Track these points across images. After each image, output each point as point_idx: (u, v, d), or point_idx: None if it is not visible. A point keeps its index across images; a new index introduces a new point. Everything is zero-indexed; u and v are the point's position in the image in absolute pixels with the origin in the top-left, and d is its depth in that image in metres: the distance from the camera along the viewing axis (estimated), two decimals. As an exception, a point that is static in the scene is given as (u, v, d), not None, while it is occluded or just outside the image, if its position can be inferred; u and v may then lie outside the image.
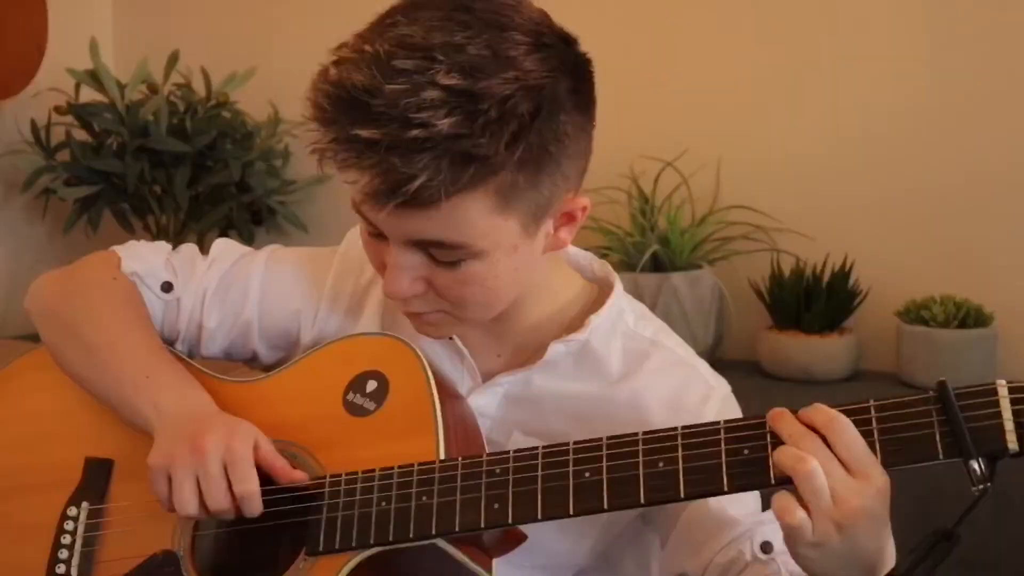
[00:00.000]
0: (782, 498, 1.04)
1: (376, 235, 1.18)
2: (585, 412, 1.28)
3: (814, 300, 2.37)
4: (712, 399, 1.29)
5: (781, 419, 1.06)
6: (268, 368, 1.41)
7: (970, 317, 2.27)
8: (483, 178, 1.10)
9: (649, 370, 1.30)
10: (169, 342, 1.41)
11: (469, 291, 1.18)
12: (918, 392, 1.04)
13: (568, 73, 1.15)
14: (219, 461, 1.18)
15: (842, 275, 2.39)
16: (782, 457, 1.03)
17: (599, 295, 1.34)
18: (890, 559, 1.09)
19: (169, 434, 1.23)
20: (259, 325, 1.40)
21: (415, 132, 1.05)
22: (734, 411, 1.31)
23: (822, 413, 1.04)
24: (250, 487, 1.18)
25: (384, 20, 1.13)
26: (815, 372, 2.35)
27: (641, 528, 1.34)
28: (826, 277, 2.39)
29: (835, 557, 1.04)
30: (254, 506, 1.19)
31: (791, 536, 1.04)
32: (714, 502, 1.22)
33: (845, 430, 1.02)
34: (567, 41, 1.17)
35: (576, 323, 1.30)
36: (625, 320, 1.33)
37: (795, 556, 1.06)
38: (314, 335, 1.38)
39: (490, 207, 1.12)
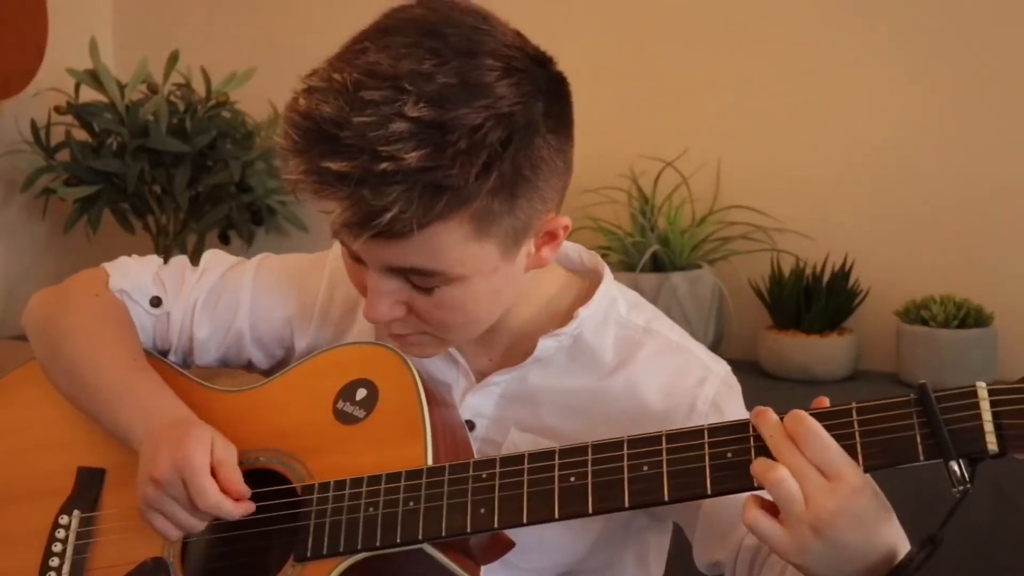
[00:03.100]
0: (748, 510, 1.05)
1: (356, 259, 1.18)
2: (581, 406, 1.28)
3: (814, 300, 2.37)
4: (709, 380, 1.28)
5: (762, 420, 1.06)
6: (266, 373, 1.41)
7: (970, 317, 2.27)
8: (456, 207, 1.09)
9: (643, 358, 1.30)
10: (163, 353, 1.42)
11: (449, 315, 1.19)
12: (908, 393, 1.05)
13: (542, 95, 1.14)
14: (177, 484, 1.19)
15: (842, 275, 2.39)
16: (755, 466, 1.04)
17: (588, 287, 1.33)
18: (902, 551, 1.08)
19: (153, 453, 1.23)
20: (251, 334, 1.40)
21: (384, 165, 1.05)
22: (733, 392, 1.31)
23: (792, 419, 1.04)
24: (209, 500, 1.18)
25: (354, 46, 1.12)
26: (815, 372, 2.35)
27: (645, 525, 1.34)
28: (826, 277, 2.39)
29: (823, 559, 1.04)
30: (226, 511, 1.19)
31: (769, 545, 1.05)
32: None
33: (812, 434, 1.03)
34: (540, 62, 1.16)
35: (566, 317, 1.30)
36: (618, 309, 1.33)
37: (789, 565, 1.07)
38: (308, 342, 1.39)
39: (466, 234, 1.12)
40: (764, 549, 1.21)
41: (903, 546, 1.08)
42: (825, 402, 1.08)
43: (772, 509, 1.04)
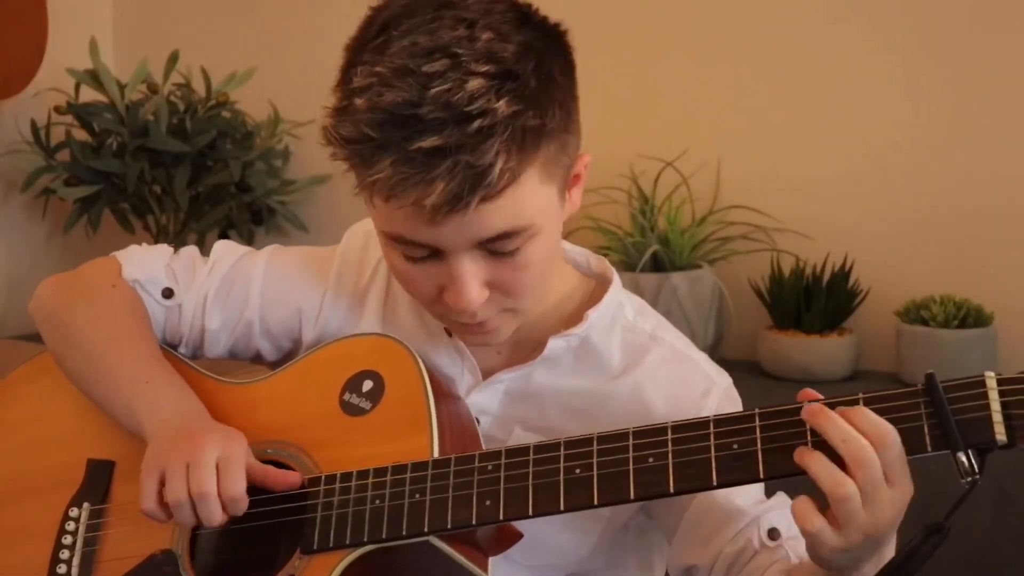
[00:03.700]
0: (802, 505, 1.04)
1: (423, 258, 1.16)
2: (586, 407, 1.28)
3: (814, 300, 2.37)
4: (713, 392, 1.29)
5: (828, 421, 1.03)
6: (273, 365, 1.41)
7: (970, 317, 2.27)
8: (539, 149, 1.11)
9: (649, 364, 1.30)
10: (172, 346, 1.42)
11: (528, 276, 1.18)
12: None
13: (549, 37, 1.16)
14: (214, 458, 1.19)
15: (842, 275, 2.39)
16: (821, 473, 1.02)
17: (596, 290, 1.34)
18: (893, 541, 1.09)
19: (163, 440, 1.23)
20: (261, 325, 1.40)
21: (477, 123, 1.06)
22: (735, 404, 1.31)
23: (871, 424, 1.02)
24: (239, 490, 1.18)
25: (372, 43, 1.12)
26: (815, 372, 2.35)
27: (645, 525, 1.34)
28: (826, 277, 2.39)
29: (854, 556, 1.05)
30: (240, 508, 1.19)
31: (815, 543, 1.04)
32: (720, 494, 1.23)
33: (894, 444, 1.02)
34: (527, 13, 1.18)
35: (574, 318, 1.30)
36: (624, 314, 1.33)
37: (814, 556, 1.07)
38: (316, 333, 1.38)
39: (539, 178, 1.13)
40: (742, 559, 1.22)
41: (893, 538, 1.08)
42: (810, 394, 1.07)
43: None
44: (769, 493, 1.26)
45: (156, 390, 1.30)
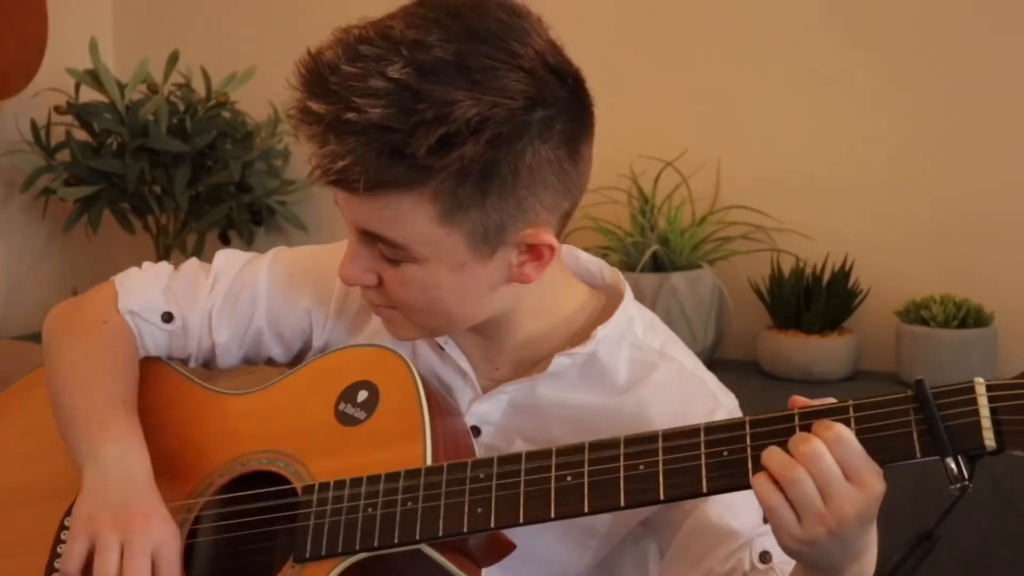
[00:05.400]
0: (762, 480, 1.04)
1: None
2: (589, 422, 1.27)
3: (814, 300, 2.37)
4: (718, 413, 1.28)
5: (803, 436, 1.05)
6: (288, 366, 1.41)
7: (970, 317, 2.27)
8: (413, 180, 1.12)
9: (656, 382, 1.29)
10: (181, 362, 1.42)
11: (411, 295, 1.20)
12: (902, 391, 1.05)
13: (550, 106, 1.14)
14: (151, 548, 1.20)
15: (842, 275, 2.39)
16: (772, 461, 1.04)
17: (607, 304, 1.33)
18: (874, 547, 1.09)
19: (99, 499, 1.24)
20: (270, 330, 1.40)
21: (350, 115, 1.09)
22: None
23: (824, 425, 1.04)
24: None
25: (393, 13, 1.16)
26: (815, 372, 2.35)
27: (640, 534, 1.33)
28: (826, 277, 2.39)
29: (824, 554, 1.05)
30: None
31: (779, 533, 1.05)
32: (716, 515, 1.23)
33: (847, 442, 1.02)
34: (562, 76, 1.16)
35: (582, 335, 1.29)
36: (634, 330, 1.32)
37: (785, 550, 1.07)
38: (326, 337, 1.39)
39: (430, 215, 1.14)
40: None
41: (875, 542, 1.09)
42: (799, 401, 1.08)
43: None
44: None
45: (106, 433, 1.29)
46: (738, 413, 1.31)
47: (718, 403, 1.30)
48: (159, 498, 1.25)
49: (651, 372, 1.30)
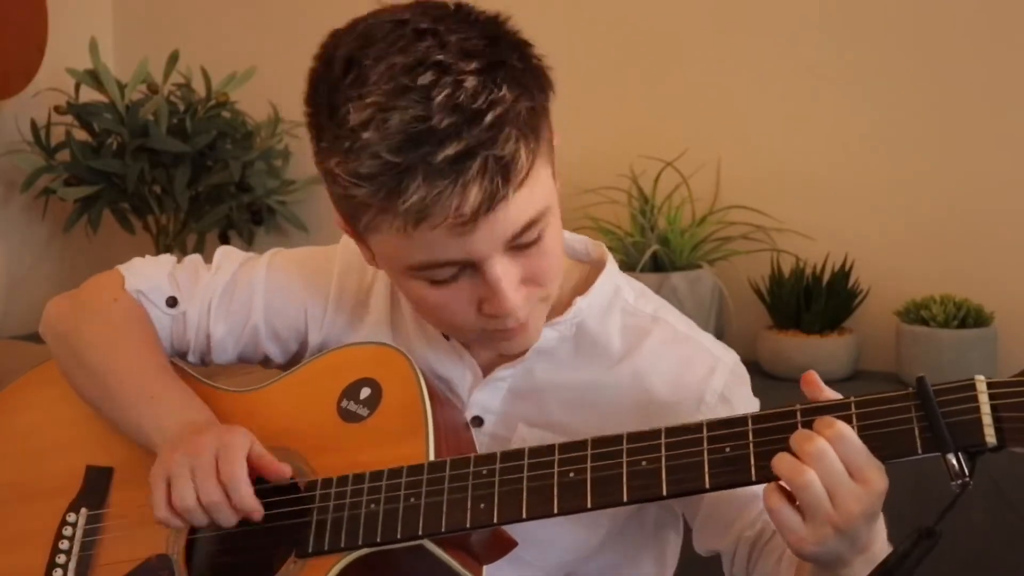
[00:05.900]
0: (771, 497, 1.05)
1: (452, 278, 1.16)
2: (589, 399, 1.28)
3: (814, 300, 2.37)
4: (718, 370, 1.29)
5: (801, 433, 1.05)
6: (283, 367, 1.42)
7: (970, 317, 2.27)
8: (539, 128, 1.12)
9: (650, 347, 1.30)
10: (180, 354, 1.43)
11: (550, 262, 1.19)
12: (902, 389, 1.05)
13: (495, 22, 1.16)
14: (212, 454, 1.19)
15: (842, 275, 2.39)
16: (781, 465, 1.04)
17: (590, 275, 1.33)
18: (881, 537, 1.09)
19: (170, 447, 1.24)
20: (267, 329, 1.40)
21: (490, 116, 1.06)
22: (742, 382, 1.31)
23: (826, 424, 1.04)
24: (235, 470, 1.18)
25: (345, 79, 1.11)
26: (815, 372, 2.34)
27: (663, 519, 1.34)
28: (826, 277, 2.39)
29: (833, 552, 1.05)
30: (241, 493, 1.18)
31: (786, 535, 1.05)
32: None
33: (849, 440, 1.03)
34: (468, 10, 1.18)
35: (563, 306, 1.30)
36: (624, 297, 1.32)
37: (792, 549, 1.07)
38: (323, 336, 1.39)
39: (544, 158, 1.14)
40: (762, 540, 1.23)
41: (883, 532, 1.09)
42: (814, 376, 1.09)
43: (792, 497, 1.05)
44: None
45: (160, 405, 1.30)
46: (740, 368, 1.32)
47: (717, 360, 1.30)
48: (216, 423, 1.26)
49: (645, 338, 1.30)
